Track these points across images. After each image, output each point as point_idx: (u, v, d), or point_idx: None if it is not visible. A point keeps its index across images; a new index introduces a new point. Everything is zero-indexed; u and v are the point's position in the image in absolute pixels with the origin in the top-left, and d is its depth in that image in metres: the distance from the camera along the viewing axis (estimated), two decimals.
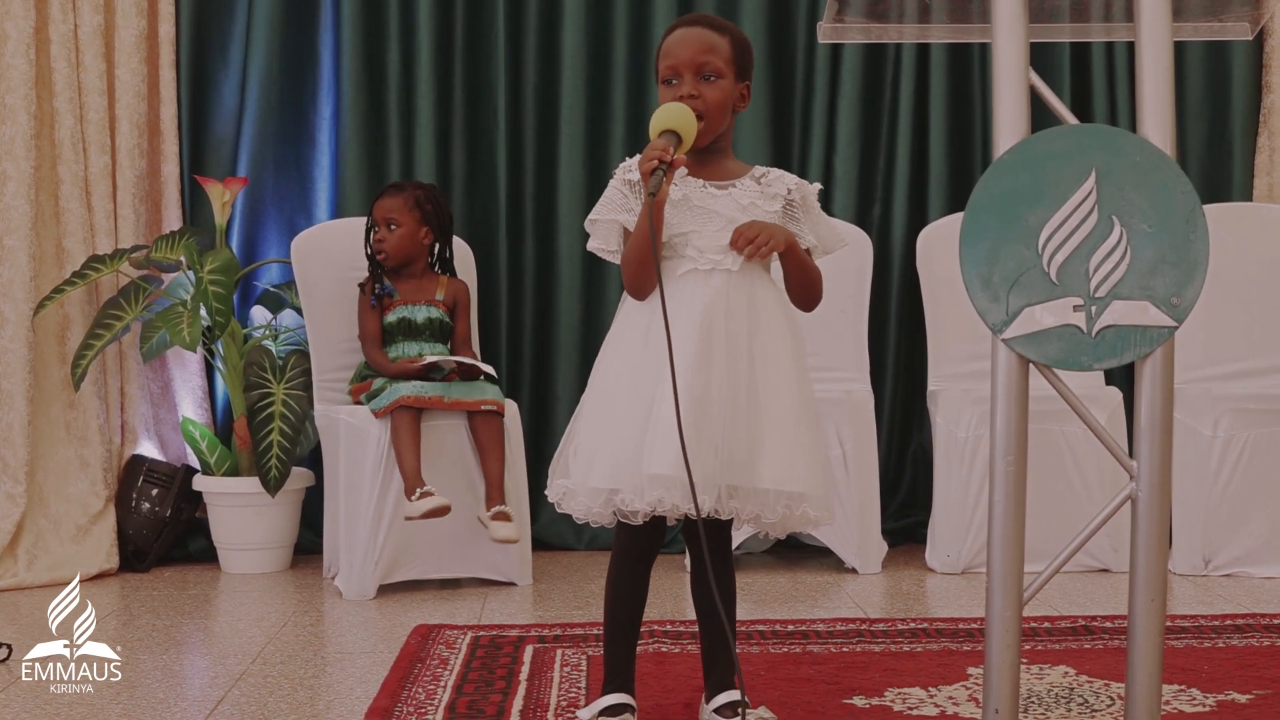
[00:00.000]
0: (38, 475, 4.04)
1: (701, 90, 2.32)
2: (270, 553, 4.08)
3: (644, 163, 2.21)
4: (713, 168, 2.37)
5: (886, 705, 2.59)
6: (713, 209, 2.32)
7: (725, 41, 2.35)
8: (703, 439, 2.21)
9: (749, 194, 2.35)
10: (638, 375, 2.26)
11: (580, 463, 2.30)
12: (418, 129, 4.34)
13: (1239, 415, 3.87)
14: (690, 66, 2.32)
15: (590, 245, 2.40)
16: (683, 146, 2.26)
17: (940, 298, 4.18)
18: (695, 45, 2.33)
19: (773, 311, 2.33)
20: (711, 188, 2.35)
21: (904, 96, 4.40)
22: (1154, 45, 1.94)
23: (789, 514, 2.27)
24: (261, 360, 4.08)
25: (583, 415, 2.34)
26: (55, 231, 4.14)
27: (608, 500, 2.26)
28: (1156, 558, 1.94)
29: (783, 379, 2.29)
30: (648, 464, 2.21)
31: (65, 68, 4.11)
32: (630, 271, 2.30)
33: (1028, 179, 1.93)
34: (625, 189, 2.34)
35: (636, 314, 2.32)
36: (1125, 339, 1.92)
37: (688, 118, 2.26)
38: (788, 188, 2.38)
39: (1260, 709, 2.55)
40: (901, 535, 4.39)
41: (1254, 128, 4.49)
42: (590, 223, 2.38)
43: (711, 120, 2.33)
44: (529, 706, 2.59)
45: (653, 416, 2.22)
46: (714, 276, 2.30)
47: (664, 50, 2.36)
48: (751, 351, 2.28)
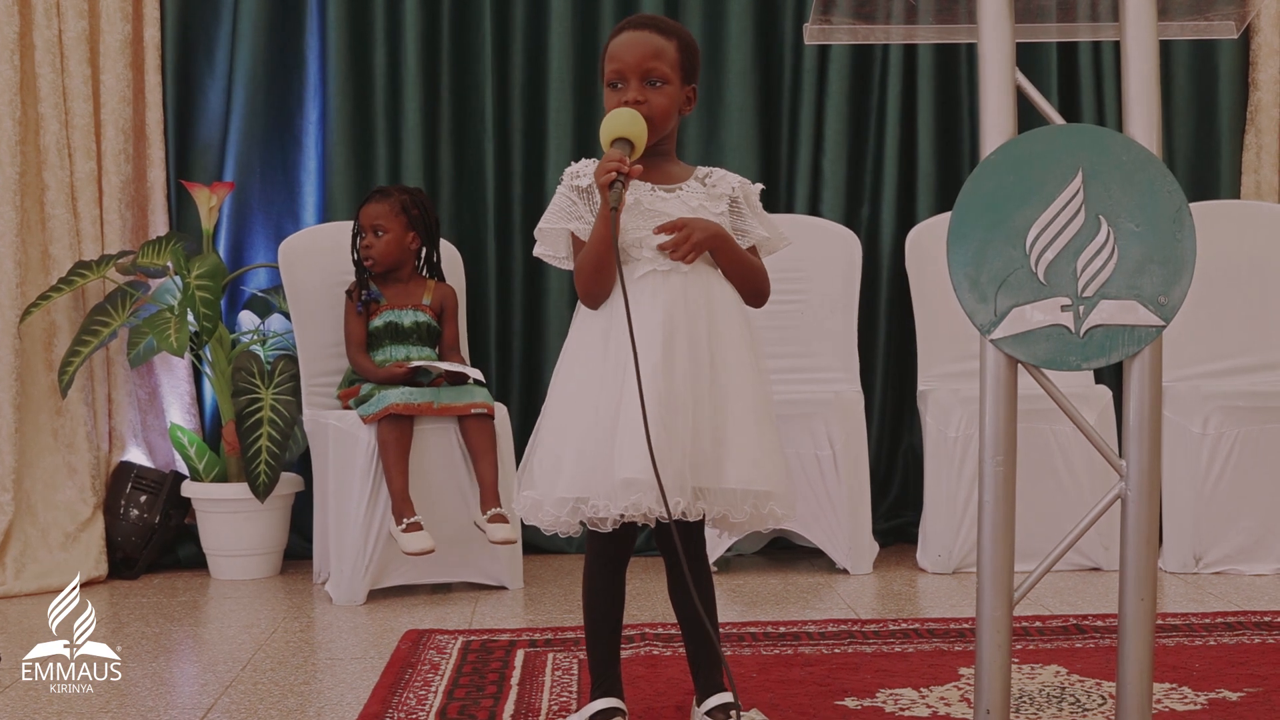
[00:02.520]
0: (25, 483, 4.03)
1: (648, 96, 2.31)
2: (260, 559, 4.07)
3: (601, 175, 2.21)
4: (658, 171, 2.36)
5: (878, 706, 2.59)
6: (663, 211, 2.32)
7: (672, 46, 2.33)
8: (672, 441, 2.20)
9: (696, 195, 2.36)
10: (600, 382, 2.25)
11: (545, 473, 2.28)
12: (405, 133, 4.33)
13: (1228, 413, 3.87)
14: (636, 72, 2.31)
15: (537, 251, 2.38)
16: (635, 152, 2.25)
17: (929, 298, 4.18)
18: (642, 50, 2.31)
19: (729, 309, 2.33)
20: (660, 191, 2.34)
21: (891, 97, 4.40)
22: (1139, 44, 1.94)
23: (756, 512, 2.27)
24: (249, 365, 4.07)
25: (545, 425, 2.33)
26: (41, 238, 4.13)
27: (575, 509, 2.25)
28: (1146, 556, 1.95)
29: (743, 377, 2.30)
30: (618, 469, 2.19)
31: (50, 73, 4.10)
32: (586, 280, 2.29)
33: (1014, 179, 1.92)
34: (574, 195, 2.33)
35: (593, 321, 2.31)
36: (1113, 338, 1.92)
37: (638, 124, 2.25)
38: (731, 187, 2.38)
39: (1251, 706, 2.56)
40: (892, 535, 4.39)
41: (1241, 125, 4.50)
42: (539, 230, 2.37)
43: (657, 126, 2.31)
44: (520, 711, 2.59)
45: (620, 421, 2.21)
46: (672, 277, 2.29)
47: (610, 53, 2.34)
48: (712, 350, 2.28)
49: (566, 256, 2.37)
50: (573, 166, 2.36)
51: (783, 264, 3.84)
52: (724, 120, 4.40)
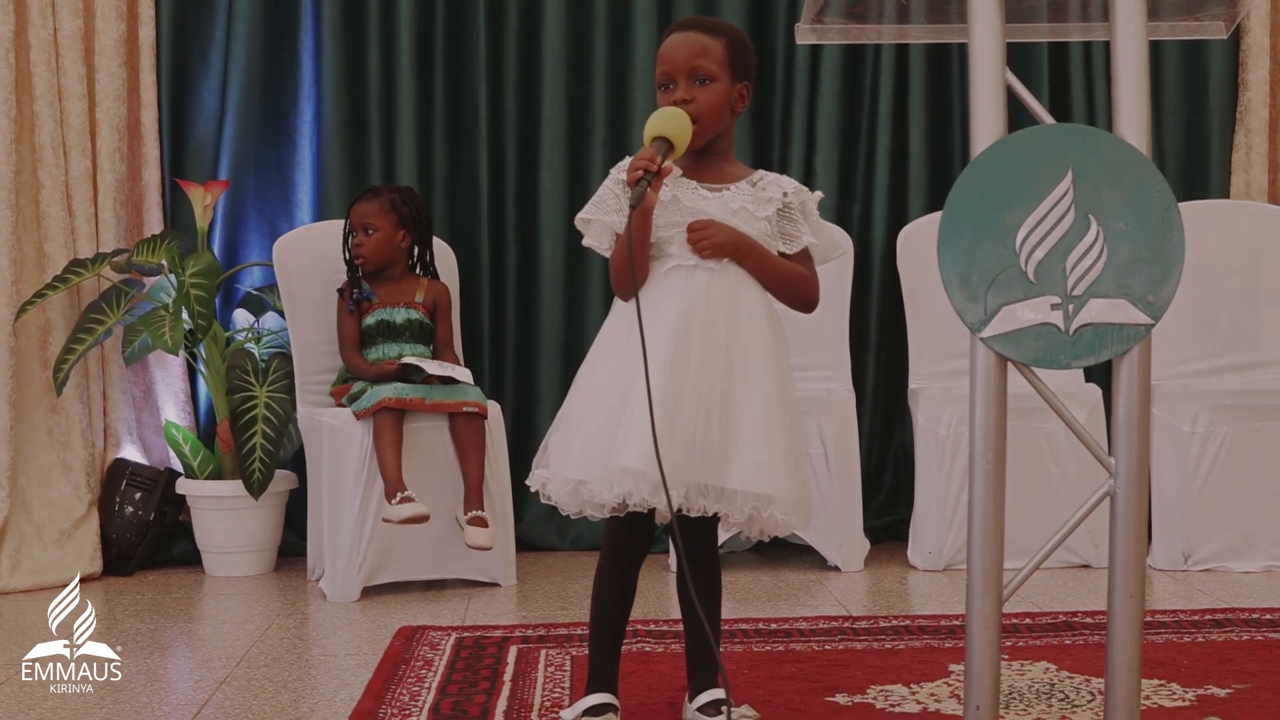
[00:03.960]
0: (20, 480, 4.03)
1: (695, 94, 2.32)
2: (254, 555, 4.07)
3: (630, 171, 2.23)
4: (709, 170, 2.38)
5: (869, 703, 2.60)
6: (701, 210, 2.33)
7: (719, 44, 2.35)
8: (674, 435, 2.21)
9: (740, 197, 2.36)
10: (616, 370, 2.28)
11: (558, 453, 2.32)
12: (399, 131, 4.33)
13: (1217, 411, 3.89)
14: (683, 71, 2.33)
15: (585, 242, 2.41)
16: (675, 152, 2.26)
17: (921, 296, 4.19)
18: (687, 49, 2.34)
19: (755, 312, 2.34)
20: (705, 190, 2.36)
21: (883, 97, 4.42)
22: (1129, 44, 1.96)
23: (756, 515, 2.27)
24: (244, 363, 4.08)
25: (565, 409, 2.37)
26: (36, 236, 4.13)
27: (574, 491, 2.28)
28: (1135, 554, 1.96)
29: (760, 379, 2.30)
30: (618, 457, 2.22)
31: (45, 72, 4.10)
32: (615, 273, 2.33)
33: (1005, 179, 1.94)
34: (618, 189, 2.36)
35: (621, 312, 2.34)
36: (1102, 337, 1.93)
37: (681, 122, 2.27)
38: (784, 191, 2.39)
39: (1239, 703, 2.57)
40: (883, 533, 4.41)
41: (1231, 125, 4.51)
42: (583, 221, 2.39)
43: (705, 124, 2.33)
44: (513, 707, 2.60)
45: (626, 410, 2.24)
46: (697, 274, 2.31)
47: (659, 56, 2.37)
48: (730, 350, 2.29)
49: (609, 246, 2.38)
50: (625, 160, 2.37)
51: None
52: None
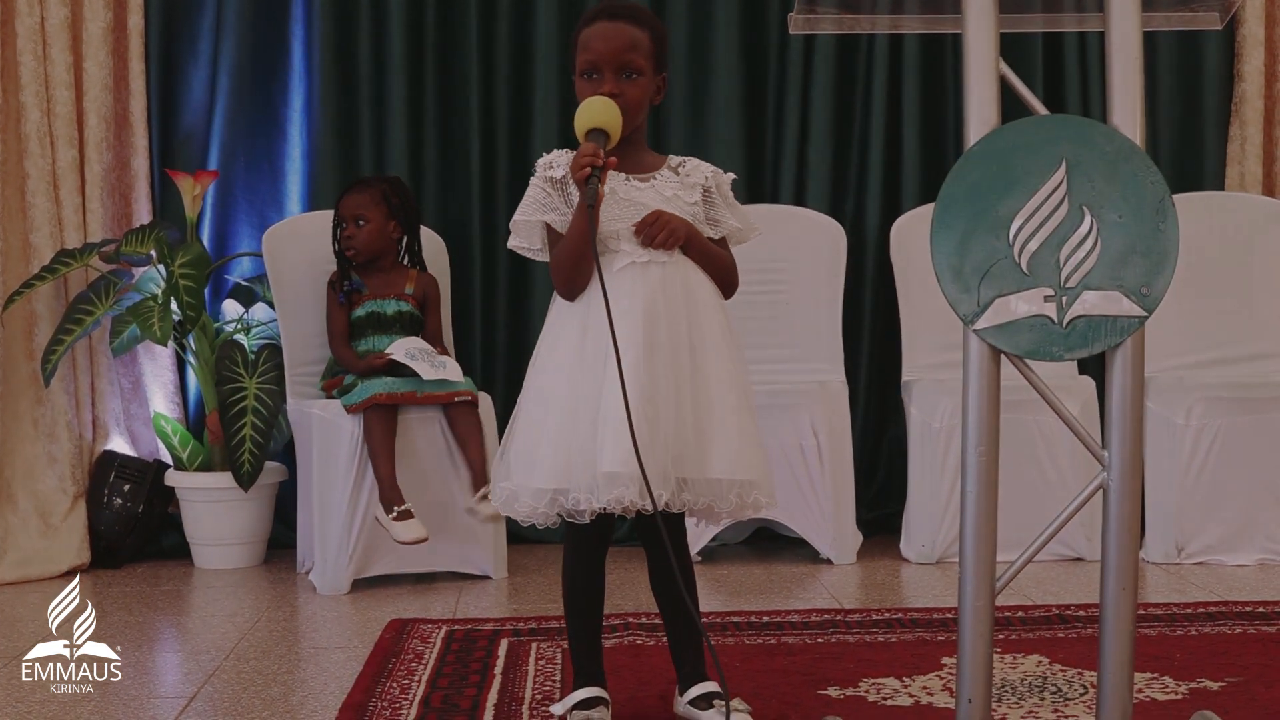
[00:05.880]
0: (5, 471, 4.01)
1: (623, 89, 2.30)
2: (243, 548, 4.06)
3: (576, 170, 2.20)
4: (630, 160, 2.35)
5: (861, 695, 2.59)
6: (639, 201, 2.32)
7: (646, 37, 2.33)
8: (656, 434, 2.20)
9: (669, 185, 2.36)
10: (578, 373, 2.25)
11: (521, 464, 2.28)
12: (390, 121, 4.32)
13: (1211, 404, 3.89)
14: (611, 63, 2.30)
15: (511, 244, 2.37)
16: (611, 142, 2.24)
17: (914, 288, 4.18)
18: (618, 42, 2.30)
19: (708, 300, 2.34)
20: (635, 180, 2.34)
21: (877, 87, 4.40)
22: (1123, 35, 1.94)
23: (741, 502, 2.28)
24: (233, 354, 4.06)
25: (520, 418, 2.33)
26: (22, 226, 4.11)
27: (553, 500, 2.25)
28: (1128, 546, 1.95)
29: (723, 368, 2.30)
30: (601, 462, 2.19)
31: (31, 61, 4.08)
32: (564, 273, 2.28)
33: (998, 170, 1.92)
34: (548, 187, 2.33)
35: (570, 313, 2.30)
36: (1096, 329, 1.92)
37: (613, 112, 2.24)
38: (705, 176, 2.38)
39: (1232, 696, 2.57)
40: (876, 526, 4.40)
41: (1226, 117, 4.50)
42: (514, 223, 2.36)
43: (631, 117, 2.31)
44: (504, 700, 2.59)
45: (601, 413, 2.21)
46: (651, 269, 2.29)
47: (583, 42, 2.32)
48: (691, 341, 2.28)
49: (542, 249, 2.36)
50: (545, 157, 2.35)
51: (767, 254, 3.89)
52: (710, 111, 4.40)
